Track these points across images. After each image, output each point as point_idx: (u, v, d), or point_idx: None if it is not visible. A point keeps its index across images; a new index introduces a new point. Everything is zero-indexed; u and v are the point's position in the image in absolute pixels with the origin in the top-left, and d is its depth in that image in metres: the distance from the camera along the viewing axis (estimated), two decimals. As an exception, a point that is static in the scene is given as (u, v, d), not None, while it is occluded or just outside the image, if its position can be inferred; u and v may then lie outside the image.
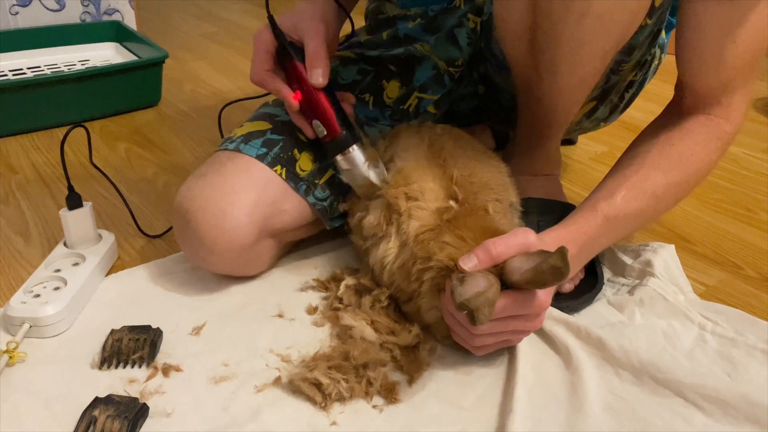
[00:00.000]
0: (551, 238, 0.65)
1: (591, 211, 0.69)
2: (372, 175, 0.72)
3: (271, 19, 0.73)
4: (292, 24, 0.73)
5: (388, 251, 0.70)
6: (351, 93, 0.82)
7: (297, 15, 0.74)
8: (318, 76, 0.70)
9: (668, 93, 0.77)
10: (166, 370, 0.65)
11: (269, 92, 0.74)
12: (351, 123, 0.73)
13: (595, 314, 0.75)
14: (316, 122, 0.72)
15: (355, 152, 0.72)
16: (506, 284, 0.59)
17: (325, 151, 0.75)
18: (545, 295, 0.61)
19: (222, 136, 1.06)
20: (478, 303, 0.54)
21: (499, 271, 0.59)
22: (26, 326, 0.68)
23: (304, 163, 0.77)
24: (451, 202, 0.68)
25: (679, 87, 0.75)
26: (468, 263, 0.59)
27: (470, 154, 0.75)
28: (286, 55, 0.73)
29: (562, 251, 0.53)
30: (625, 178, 0.71)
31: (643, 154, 0.72)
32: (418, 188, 0.70)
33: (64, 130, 0.76)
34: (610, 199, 0.69)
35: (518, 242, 0.60)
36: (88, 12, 1.61)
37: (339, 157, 0.73)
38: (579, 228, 0.68)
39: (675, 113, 0.75)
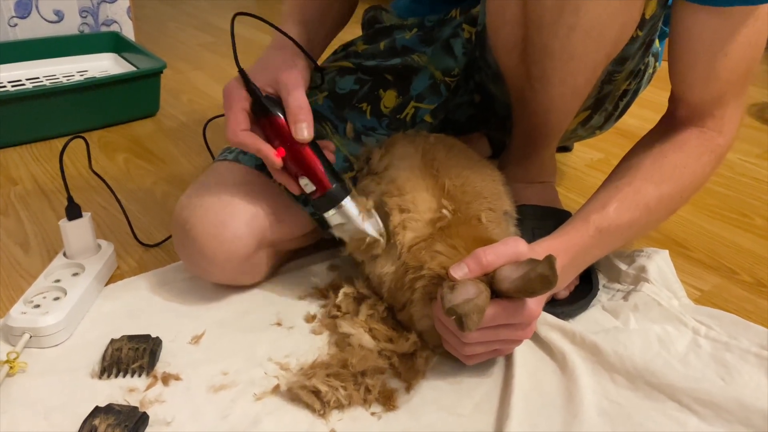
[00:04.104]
0: (543, 249, 0.65)
1: (583, 223, 0.69)
2: (368, 228, 0.69)
3: (242, 73, 0.68)
4: (266, 77, 0.69)
5: (385, 267, 0.71)
6: (350, 105, 0.81)
7: (269, 66, 0.70)
8: (303, 130, 0.66)
9: (663, 100, 0.78)
10: (166, 379, 0.66)
11: (249, 151, 0.69)
12: (339, 174, 0.69)
13: (590, 320, 0.76)
14: (303, 179, 0.67)
15: (348, 205, 0.68)
16: (497, 293, 0.60)
17: (314, 208, 0.71)
18: (535, 304, 0.61)
19: (210, 151, 1.07)
20: (466, 309, 0.55)
21: (490, 280, 0.60)
22: (26, 336, 0.69)
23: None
24: (444, 211, 0.69)
25: (673, 99, 0.76)
26: (458, 272, 0.60)
27: (463, 163, 0.75)
28: (264, 111, 0.67)
29: (549, 259, 0.54)
30: (618, 189, 0.71)
31: (636, 166, 0.73)
32: (410, 199, 0.70)
33: (63, 140, 0.77)
34: (603, 210, 0.70)
35: (508, 251, 0.60)
36: (86, 23, 1.62)
37: (331, 212, 0.68)
38: (571, 239, 0.69)
39: (669, 125, 0.76)
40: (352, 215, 0.68)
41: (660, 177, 0.72)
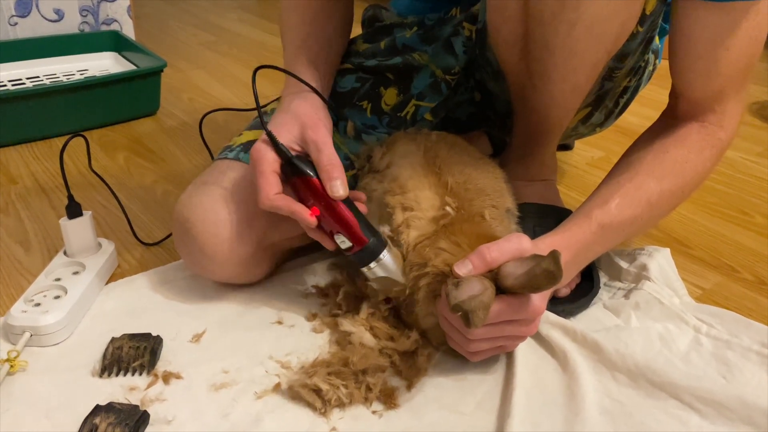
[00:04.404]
0: (545, 245, 0.66)
1: (585, 219, 0.69)
2: (403, 278, 0.68)
3: (271, 136, 0.67)
4: (292, 134, 0.68)
5: None
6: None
7: (292, 119, 0.69)
8: (338, 188, 0.65)
9: (663, 98, 0.78)
10: (167, 377, 0.66)
11: (284, 214, 0.67)
12: (373, 227, 0.68)
13: (592, 318, 0.75)
14: (339, 236, 0.66)
15: (387, 257, 0.67)
16: (501, 289, 0.60)
17: (351, 263, 0.69)
18: (540, 300, 0.61)
19: (208, 149, 1.07)
20: (473, 305, 0.55)
21: (494, 277, 0.59)
22: (27, 335, 0.69)
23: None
24: (448, 209, 0.69)
25: (673, 95, 0.75)
26: (463, 269, 0.60)
27: (465, 160, 0.75)
28: (296, 171, 0.67)
29: (554, 255, 0.54)
30: (620, 185, 0.71)
31: (637, 161, 0.73)
32: (413, 197, 0.70)
33: (64, 139, 0.77)
34: (604, 206, 0.70)
35: (512, 248, 0.60)
36: (86, 22, 1.62)
37: (372, 265, 0.67)
38: (573, 235, 0.69)
39: (670, 121, 0.76)
40: (392, 268, 0.67)
41: (661, 172, 0.72)
